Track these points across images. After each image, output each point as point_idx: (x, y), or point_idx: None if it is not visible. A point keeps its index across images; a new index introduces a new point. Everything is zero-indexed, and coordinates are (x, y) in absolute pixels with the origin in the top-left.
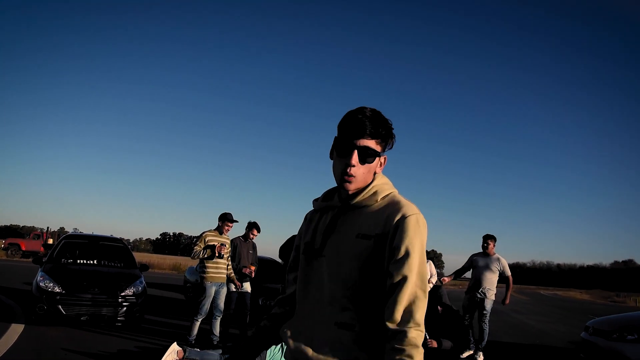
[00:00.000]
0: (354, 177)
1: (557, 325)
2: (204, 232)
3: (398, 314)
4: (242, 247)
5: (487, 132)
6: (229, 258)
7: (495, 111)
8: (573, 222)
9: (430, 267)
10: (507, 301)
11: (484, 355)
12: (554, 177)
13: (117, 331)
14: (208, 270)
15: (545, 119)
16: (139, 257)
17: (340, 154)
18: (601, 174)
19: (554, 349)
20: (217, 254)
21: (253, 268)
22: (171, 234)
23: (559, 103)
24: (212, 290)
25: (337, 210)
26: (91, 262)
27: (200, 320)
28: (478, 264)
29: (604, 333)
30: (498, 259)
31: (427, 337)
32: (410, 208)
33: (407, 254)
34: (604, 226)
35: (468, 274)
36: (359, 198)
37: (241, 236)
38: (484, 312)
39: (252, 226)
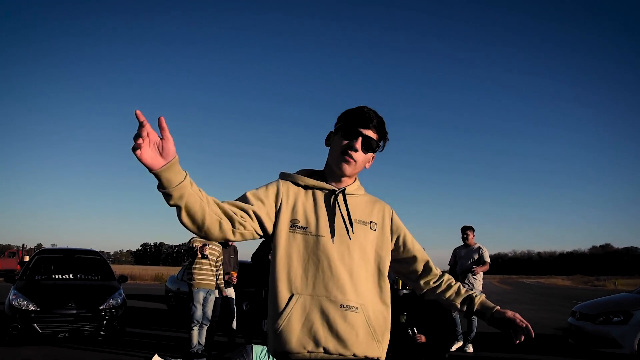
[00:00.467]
0: (354, 161)
1: (543, 312)
2: (192, 237)
3: (436, 268)
4: (223, 254)
5: (461, 123)
6: (217, 262)
7: (470, 102)
8: (551, 210)
9: None
10: (477, 270)
11: (473, 346)
12: (530, 166)
13: (98, 346)
14: (193, 276)
15: (520, 108)
16: (120, 269)
17: (345, 137)
18: (576, 161)
19: (542, 337)
20: (199, 255)
21: (234, 274)
22: (152, 244)
23: (533, 91)
24: (199, 297)
25: (334, 194)
26: (67, 276)
27: (195, 328)
28: (461, 255)
29: (590, 317)
30: (479, 248)
31: (416, 332)
32: (387, 205)
33: (411, 236)
34: (581, 212)
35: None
36: (354, 187)
37: (221, 242)
38: None
39: None
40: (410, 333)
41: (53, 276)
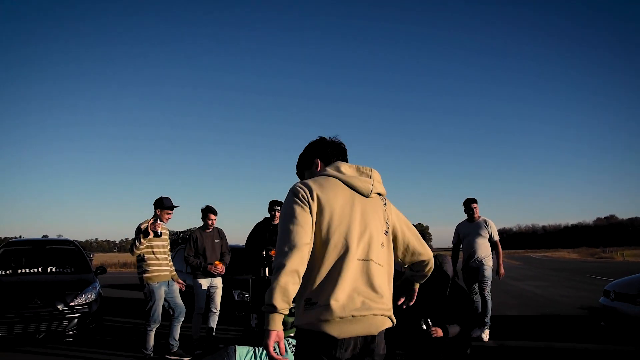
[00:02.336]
0: None
1: (560, 289)
2: (140, 224)
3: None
4: (204, 240)
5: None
6: (168, 247)
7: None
8: (554, 182)
9: None
10: (502, 270)
11: (489, 331)
12: (532, 139)
13: (68, 347)
14: (151, 268)
15: (523, 81)
16: (108, 257)
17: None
18: (578, 132)
19: (567, 318)
20: (151, 233)
21: (219, 264)
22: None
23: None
24: (160, 292)
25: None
26: (35, 270)
27: (154, 329)
28: (466, 231)
29: (629, 297)
30: (485, 222)
31: (430, 325)
32: None
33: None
34: (585, 184)
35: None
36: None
37: (199, 227)
38: (484, 279)
39: (206, 211)
40: (424, 326)
41: (19, 271)
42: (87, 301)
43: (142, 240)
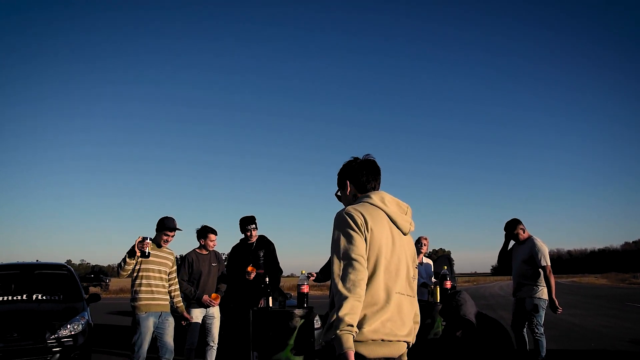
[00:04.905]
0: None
1: (600, 319)
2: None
3: None
4: (200, 263)
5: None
6: (171, 275)
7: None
8: (580, 207)
9: (429, 268)
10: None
11: None
12: (558, 161)
13: None
14: (140, 295)
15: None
16: (127, 282)
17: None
18: (605, 155)
19: (620, 355)
20: (138, 253)
21: (215, 297)
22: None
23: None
24: (148, 323)
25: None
26: (18, 297)
27: None
28: (515, 255)
29: None
30: (532, 243)
31: None
32: None
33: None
34: (612, 208)
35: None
36: None
37: (196, 249)
38: (532, 317)
39: (205, 231)
40: None
41: (1, 298)
42: (73, 333)
43: (127, 259)
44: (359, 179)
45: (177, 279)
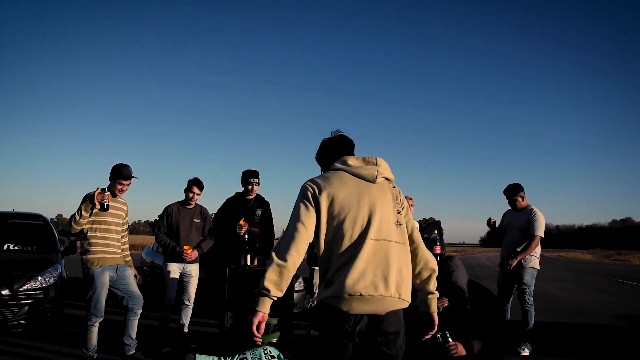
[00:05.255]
0: None
1: (587, 293)
2: (87, 194)
3: None
4: (181, 216)
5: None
6: (124, 226)
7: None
8: (570, 183)
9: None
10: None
11: (530, 346)
12: (549, 138)
13: (15, 341)
14: (93, 248)
15: (540, 77)
16: (135, 239)
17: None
18: (596, 133)
19: (606, 329)
20: (97, 206)
21: (188, 249)
22: None
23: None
24: (104, 278)
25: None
26: None
27: (96, 323)
28: (511, 222)
29: None
30: (532, 211)
31: (448, 338)
32: None
33: None
34: (601, 185)
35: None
36: None
37: (178, 202)
38: (522, 286)
39: (190, 184)
40: (440, 340)
41: None
42: (44, 285)
43: (82, 212)
44: (329, 155)
45: (127, 232)
